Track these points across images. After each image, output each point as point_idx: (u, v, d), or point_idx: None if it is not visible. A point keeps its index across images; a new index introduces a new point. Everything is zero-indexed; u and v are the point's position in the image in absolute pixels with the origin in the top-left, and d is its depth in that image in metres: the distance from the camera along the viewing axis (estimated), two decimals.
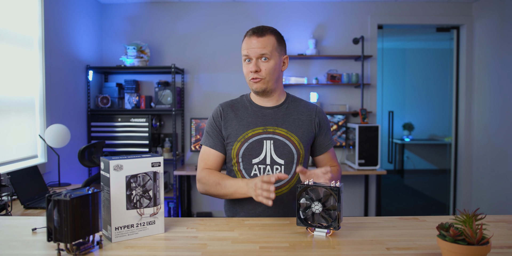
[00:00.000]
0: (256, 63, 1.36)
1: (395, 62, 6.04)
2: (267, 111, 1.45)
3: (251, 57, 1.37)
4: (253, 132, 1.41)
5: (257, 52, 1.35)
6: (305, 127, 1.45)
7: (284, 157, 1.40)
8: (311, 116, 1.47)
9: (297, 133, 1.43)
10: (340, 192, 1.06)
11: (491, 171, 3.71)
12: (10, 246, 1.01)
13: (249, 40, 1.38)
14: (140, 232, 1.08)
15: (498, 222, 1.23)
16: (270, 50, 1.36)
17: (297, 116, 1.46)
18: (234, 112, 1.46)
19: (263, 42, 1.36)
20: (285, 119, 1.44)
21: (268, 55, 1.36)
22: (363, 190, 4.02)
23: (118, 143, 3.61)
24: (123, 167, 1.04)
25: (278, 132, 1.41)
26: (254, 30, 1.39)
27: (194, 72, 3.96)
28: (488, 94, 3.75)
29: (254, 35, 1.37)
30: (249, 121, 1.43)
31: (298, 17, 3.91)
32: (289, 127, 1.43)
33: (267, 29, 1.40)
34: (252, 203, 1.41)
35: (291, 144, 1.41)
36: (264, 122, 1.43)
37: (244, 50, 1.38)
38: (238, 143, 1.41)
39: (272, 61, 1.37)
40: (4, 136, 2.44)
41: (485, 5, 3.76)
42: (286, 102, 1.48)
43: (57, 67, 3.04)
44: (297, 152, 1.41)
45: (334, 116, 3.86)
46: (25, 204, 2.00)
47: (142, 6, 3.91)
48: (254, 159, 1.40)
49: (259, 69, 1.37)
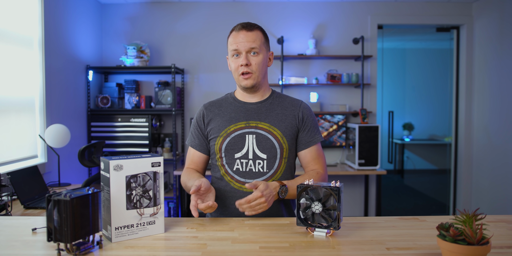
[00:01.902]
0: (246, 57, 1.36)
1: (395, 62, 6.04)
2: (251, 106, 1.45)
3: (240, 51, 1.36)
4: (235, 127, 1.41)
5: (247, 46, 1.35)
6: (289, 121, 1.43)
7: (267, 152, 1.39)
8: (294, 111, 1.45)
9: (280, 127, 1.41)
10: (340, 192, 1.06)
11: (491, 171, 3.71)
12: (10, 246, 1.01)
13: (238, 35, 1.37)
14: (140, 232, 1.08)
15: (498, 222, 1.23)
16: (259, 44, 1.37)
17: (280, 110, 1.44)
18: (218, 109, 1.48)
19: (252, 36, 1.36)
20: (268, 114, 1.43)
21: (258, 49, 1.36)
22: (363, 190, 4.02)
23: (118, 143, 3.61)
24: (123, 167, 1.04)
25: (261, 127, 1.40)
26: (242, 25, 1.38)
27: (194, 72, 3.96)
28: (488, 94, 3.75)
29: (243, 29, 1.37)
30: (232, 116, 1.43)
31: (298, 17, 3.91)
32: (272, 121, 1.42)
33: (254, 25, 1.40)
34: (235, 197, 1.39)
35: (274, 139, 1.39)
36: (246, 116, 1.43)
37: (233, 44, 1.37)
38: (221, 138, 1.41)
39: (261, 55, 1.38)
40: (4, 136, 2.44)
41: (485, 5, 3.76)
42: (271, 98, 1.48)
43: (57, 67, 3.04)
44: (280, 146, 1.39)
45: (334, 116, 3.86)
46: (25, 204, 2.00)
47: (142, 6, 3.91)
48: (236, 153, 1.40)
49: (249, 62, 1.36)
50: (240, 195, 1.37)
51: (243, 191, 1.39)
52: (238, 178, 1.39)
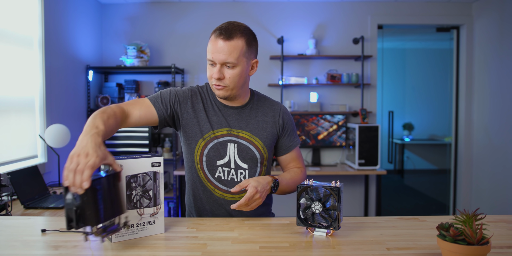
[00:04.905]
0: (220, 70, 1.25)
1: (395, 62, 6.04)
2: (231, 111, 1.38)
3: (215, 63, 1.25)
4: (218, 133, 1.35)
5: (221, 58, 1.23)
6: (269, 129, 1.40)
7: (248, 161, 1.37)
8: (275, 117, 1.42)
9: (261, 137, 1.38)
10: (340, 192, 1.06)
11: (491, 171, 3.71)
12: (10, 246, 1.01)
13: (215, 42, 1.24)
14: (140, 232, 1.08)
15: (498, 222, 1.23)
16: (237, 57, 1.23)
17: (261, 117, 1.40)
18: (202, 104, 1.37)
19: (229, 47, 1.22)
20: (249, 121, 1.39)
21: (234, 63, 1.24)
22: (363, 190, 4.02)
23: (118, 143, 3.61)
24: (123, 167, 1.04)
25: (242, 136, 1.36)
26: (221, 31, 1.23)
27: (194, 72, 3.96)
28: (488, 94, 3.75)
29: (221, 37, 1.23)
30: (214, 119, 1.36)
31: (298, 17, 3.91)
32: (253, 130, 1.38)
33: (236, 30, 1.24)
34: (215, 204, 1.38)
35: (255, 149, 1.37)
36: (228, 123, 1.37)
37: (209, 53, 1.25)
38: (204, 141, 1.35)
39: (238, 68, 1.26)
40: (4, 136, 2.44)
41: (485, 5, 3.76)
42: (251, 102, 1.41)
43: (57, 67, 3.04)
44: (260, 156, 1.38)
45: (334, 116, 3.86)
46: (25, 204, 2.00)
47: (142, 6, 3.91)
48: (218, 160, 1.36)
49: (223, 76, 1.26)
50: (222, 203, 1.37)
51: (224, 199, 1.37)
52: (221, 186, 1.37)
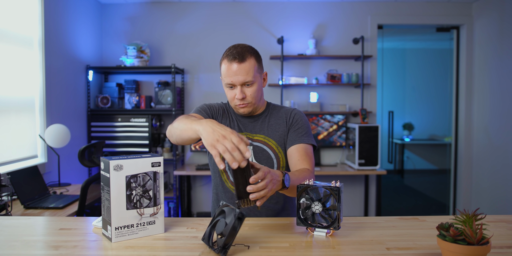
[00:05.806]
0: (241, 90, 1.34)
1: (395, 62, 6.04)
2: (247, 120, 1.47)
3: (235, 85, 1.33)
4: None
5: (240, 80, 1.31)
6: (282, 129, 1.44)
7: (264, 163, 1.40)
8: (286, 118, 1.46)
9: (275, 137, 1.43)
10: (340, 192, 1.06)
11: (491, 171, 3.71)
12: (10, 246, 1.01)
13: (230, 67, 1.31)
14: (140, 232, 1.08)
15: (498, 222, 1.23)
16: (253, 75, 1.33)
17: (274, 121, 1.46)
18: (228, 120, 1.48)
19: (245, 68, 1.30)
20: (263, 126, 1.46)
21: (252, 81, 1.33)
22: (363, 190, 4.02)
23: (118, 143, 3.61)
24: (123, 167, 1.04)
25: (257, 139, 1.43)
26: (234, 56, 1.31)
27: (194, 72, 3.97)
28: (488, 94, 3.75)
29: (235, 61, 1.30)
30: (229, 125, 1.45)
31: (298, 17, 3.91)
32: (267, 132, 1.44)
33: (246, 51, 1.33)
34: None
35: (269, 149, 1.42)
36: (242, 128, 1.45)
37: (226, 78, 1.32)
38: None
39: (255, 84, 1.35)
40: (4, 136, 2.44)
41: (485, 5, 3.76)
42: (266, 111, 1.49)
43: (57, 67, 3.04)
44: (276, 157, 1.42)
45: (334, 116, 3.86)
46: (25, 204, 2.00)
47: (142, 6, 3.91)
48: None
49: (245, 95, 1.35)
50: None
51: None
52: None
